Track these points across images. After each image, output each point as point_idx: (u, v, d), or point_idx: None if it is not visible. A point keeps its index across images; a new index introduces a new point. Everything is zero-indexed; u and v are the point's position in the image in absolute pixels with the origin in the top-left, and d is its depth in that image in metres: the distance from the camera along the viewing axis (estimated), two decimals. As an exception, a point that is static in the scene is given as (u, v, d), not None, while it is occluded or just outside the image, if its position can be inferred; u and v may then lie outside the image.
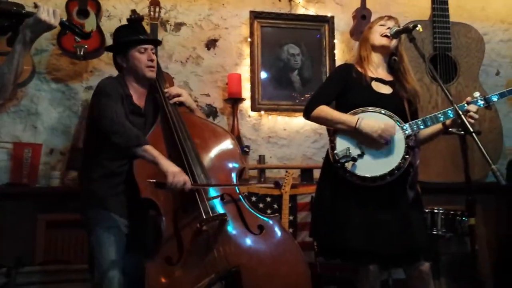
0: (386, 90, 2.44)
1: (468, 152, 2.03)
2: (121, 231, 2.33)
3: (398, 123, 2.32)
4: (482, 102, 2.34)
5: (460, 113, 2.05)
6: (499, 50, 4.19)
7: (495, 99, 2.36)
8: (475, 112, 2.27)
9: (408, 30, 2.34)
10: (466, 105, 2.31)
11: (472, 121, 2.23)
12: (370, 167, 2.26)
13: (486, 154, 1.86)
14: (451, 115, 2.30)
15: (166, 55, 3.63)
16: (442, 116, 2.33)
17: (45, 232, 3.19)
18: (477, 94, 2.35)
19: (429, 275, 2.36)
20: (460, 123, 2.06)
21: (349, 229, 2.27)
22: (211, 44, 3.76)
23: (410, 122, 2.34)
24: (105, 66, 3.49)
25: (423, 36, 3.62)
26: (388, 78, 2.47)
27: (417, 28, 2.29)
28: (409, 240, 2.27)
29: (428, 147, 2.60)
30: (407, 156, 2.28)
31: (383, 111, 2.33)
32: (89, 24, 3.25)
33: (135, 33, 2.48)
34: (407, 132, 2.31)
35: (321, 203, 2.44)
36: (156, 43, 2.63)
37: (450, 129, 2.31)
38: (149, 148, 2.21)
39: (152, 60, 2.46)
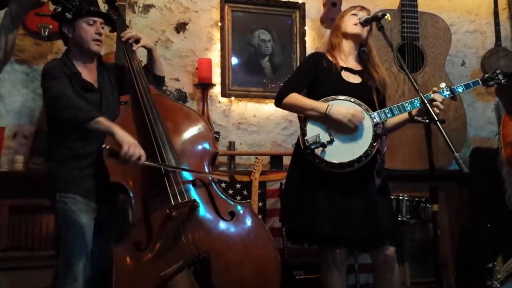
0: (355, 79, 2.47)
1: (433, 140, 2.08)
2: (89, 215, 2.29)
3: (366, 111, 2.36)
4: (448, 92, 2.40)
5: (426, 101, 2.09)
6: (465, 41, 4.28)
7: (460, 90, 2.43)
8: (441, 102, 2.33)
9: (377, 19, 2.37)
10: (431, 95, 2.36)
11: (438, 110, 2.29)
12: (339, 153, 2.30)
13: (449, 142, 1.91)
14: (418, 105, 2.35)
15: (134, 38, 3.55)
16: (409, 106, 2.37)
17: (8, 218, 3.10)
18: (443, 84, 2.41)
19: (394, 259, 2.42)
20: (425, 111, 2.10)
21: (317, 214, 2.31)
22: (180, 27, 3.70)
23: (378, 111, 2.38)
24: (71, 48, 3.39)
25: (392, 25, 3.65)
26: (357, 67, 2.51)
27: (386, 17, 2.32)
28: (374, 225, 2.32)
29: (394, 135, 2.65)
30: (375, 143, 2.33)
31: (352, 100, 2.37)
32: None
33: (86, 4, 2.37)
34: (375, 120, 2.35)
35: (290, 188, 2.47)
36: (106, 17, 2.48)
37: (416, 118, 2.36)
38: (102, 119, 2.17)
39: (100, 34, 2.37)
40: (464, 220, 3.77)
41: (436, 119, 2.02)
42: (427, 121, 2.08)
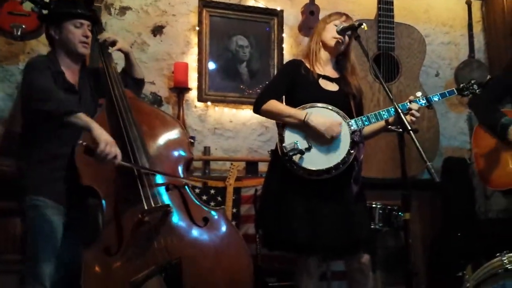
0: (332, 87, 2.50)
1: (406, 150, 2.10)
2: (58, 219, 2.25)
3: (344, 118, 2.38)
4: (424, 101, 2.43)
5: (400, 111, 2.10)
6: (440, 52, 4.36)
7: (436, 99, 2.46)
8: (417, 111, 2.35)
9: (353, 28, 2.39)
10: (408, 103, 2.39)
11: (414, 119, 2.32)
12: (316, 160, 2.31)
13: (421, 151, 1.92)
14: (394, 113, 2.37)
15: (110, 40, 3.50)
16: (385, 114, 2.40)
17: (-28, 221, 3.01)
18: (419, 93, 2.44)
19: (368, 267, 2.45)
20: (399, 121, 2.12)
21: (294, 220, 2.32)
22: (157, 30, 3.67)
23: (356, 118, 2.40)
24: (43, 48, 3.30)
25: (368, 35, 3.70)
26: (335, 75, 2.53)
27: (362, 27, 2.34)
28: (350, 232, 2.34)
29: (368, 143, 2.66)
30: (352, 151, 2.34)
31: (330, 107, 2.39)
32: (28, 4, 3.08)
33: (74, 6, 2.37)
34: (352, 127, 2.37)
35: (268, 194, 2.48)
36: (94, 20, 2.49)
37: (390, 127, 2.38)
38: (82, 115, 2.16)
39: (87, 37, 2.37)
40: (435, 228, 3.83)
41: (409, 128, 2.03)
42: (401, 130, 2.10)
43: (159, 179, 2.34)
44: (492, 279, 2.05)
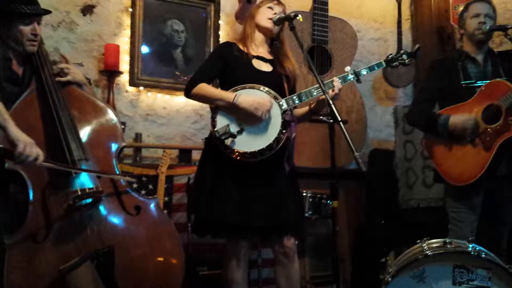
0: (266, 67, 2.52)
1: (335, 140, 2.17)
2: None
3: (274, 98, 2.39)
4: (353, 76, 2.46)
5: (331, 102, 2.15)
6: (370, 48, 4.52)
7: (364, 72, 2.48)
8: (339, 89, 2.36)
9: (289, 19, 2.42)
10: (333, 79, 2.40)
11: (332, 92, 2.33)
12: (249, 142, 2.33)
13: (350, 142, 1.98)
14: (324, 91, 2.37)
15: (35, 17, 3.29)
16: (315, 91, 2.40)
17: None
18: (347, 68, 2.48)
19: (294, 251, 2.49)
20: (330, 112, 2.17)
21: (226, 204, 2.33)
22: (87, 10, 3.50)
23: (286, 98, 2.41)
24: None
25: (303, 27, 3.76)
26: (269, 56, 2.56)
27: (298, 18, 2.37)
28: (279, 214, 2.37)
29: (300, 134, 2.70)
30: (284, 130, 2.37)
31: (261, 88, 2.40)
32: None
33: (25, 2, 2.21)
34: (283, 107, 2.38)
35: (201, 180, 2.47)
36: (45, 13, 2.35)
37: (321, 117, 2.43)
38: (1, 107, 2.02)
39: (36, 35, 2.25)
40: (361, 217, 3.99)
41: (339, 119, 2.10)
42: (331, 121, 2.16)
43: (90, 165, 2.27)
44: (412, 265, 2.16)
